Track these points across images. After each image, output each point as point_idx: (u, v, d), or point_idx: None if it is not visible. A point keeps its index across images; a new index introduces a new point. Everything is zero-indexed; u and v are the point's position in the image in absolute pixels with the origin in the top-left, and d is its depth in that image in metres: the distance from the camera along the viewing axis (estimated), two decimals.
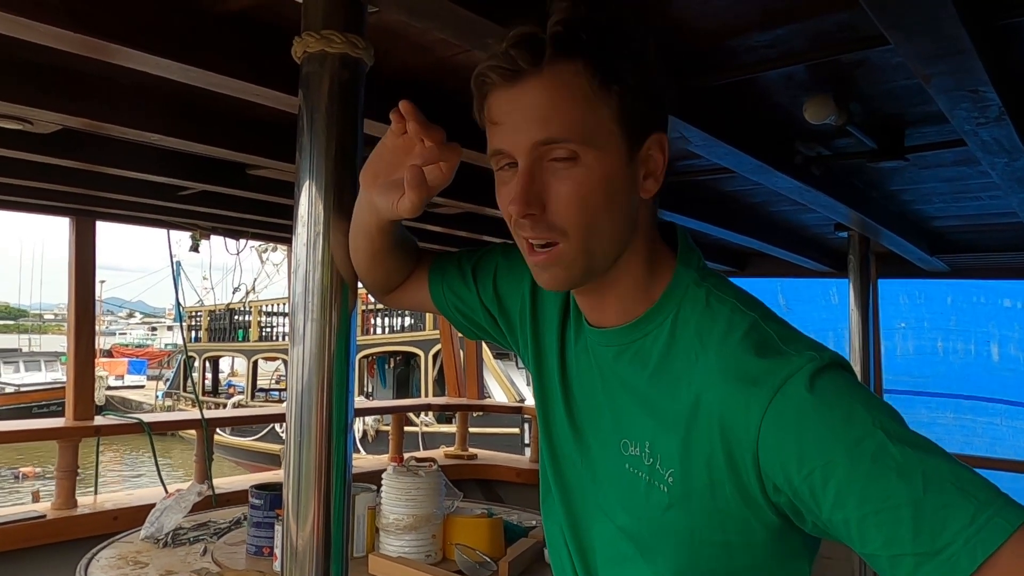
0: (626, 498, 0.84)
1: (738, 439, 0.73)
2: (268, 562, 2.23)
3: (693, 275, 0.84)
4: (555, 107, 0.76)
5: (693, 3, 1.20)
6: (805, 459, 0.68)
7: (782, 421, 0.70)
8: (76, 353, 3.22)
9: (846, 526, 0.66)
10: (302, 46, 0.96)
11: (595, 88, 0.76)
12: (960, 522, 0.61)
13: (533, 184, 0.77)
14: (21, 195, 2.58)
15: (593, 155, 0.77)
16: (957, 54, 1.09)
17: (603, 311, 0.87)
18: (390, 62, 1.47)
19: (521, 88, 0.77)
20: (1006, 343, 4.94)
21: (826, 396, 0.70)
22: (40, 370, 27.03)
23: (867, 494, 0.65)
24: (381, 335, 16.66)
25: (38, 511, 2.95)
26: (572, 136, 0.76)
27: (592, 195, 0.77)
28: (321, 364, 0.93)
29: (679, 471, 0.78)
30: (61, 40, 1.16)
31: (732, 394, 0.74)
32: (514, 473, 4.29)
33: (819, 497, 0.67)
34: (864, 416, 0.68)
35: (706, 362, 0.77)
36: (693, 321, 0.81)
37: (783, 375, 0.71)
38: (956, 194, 2.44)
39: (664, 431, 0.80)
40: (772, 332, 0.77)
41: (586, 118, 0.76)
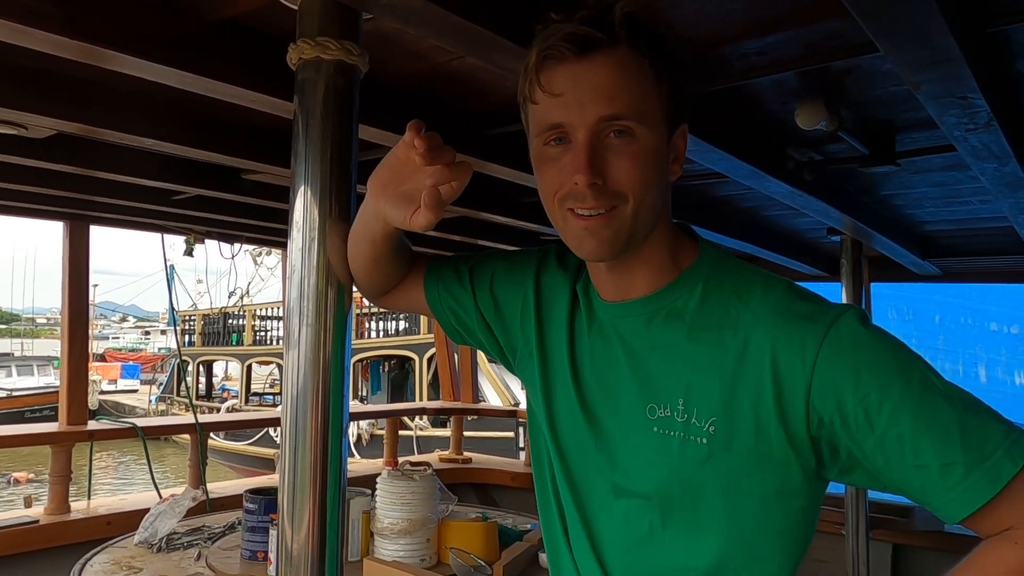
0: (655, 463, 0.87)
1: (791, 372, 0.80)
2: (263, 567, 2.23)
3: (719, 251, 0.93)
4: (622, 86, 0.82)
5: (685, 11, 1.21)
6: (861, 383, 0.77)
7: (839, 350, 0.78)
8: (69, 357, 3.21)
9: (900, 441, 0.75)
10: (297, 53, 0.96)
11: (653, 75, 0.83)
12: (998, 435, 0.74)
13: (595, 157, 0.82)
14: (15, 199, 2.58)
15: (647, 133, 0.83)
16: (946, 61, 1.10)
17: (631, 282, 0.92)
18: (385, 69, 1.48)
19: (590, 63, 0.82)
20: (993, 366, 4.99)
21: (875, 332, 0.80)
22: (33, 374, 26.88)
23: (921, 411, 0.75)
24: (376, 339, 16.64)
25: (31, 516, 2.94)
26: (634, 114, 0.82)
27: (646, 167, 0.84)
28: (316, 368, 0.93)
29: (721, 418, 0.83)
30: (57, 46, 1.17)
31: (786, 330, 0.81)
32: (509, 477, 4.29)
33: (873, 417, 0.76)
34: (908, 350, 0.80)
35: (751, 311, 0.84)
36: (728, 283, 0.88)
37: (835, 313, 0.81)
38: (947, 199, 2.46)
39: (704, 382, 0.84)
40: (807, 291, 0.86)
41: (646, 99, 0.83)
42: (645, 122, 0.83)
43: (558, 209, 0.87)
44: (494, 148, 1.86)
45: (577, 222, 0.85)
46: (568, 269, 1.02)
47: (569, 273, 1.02)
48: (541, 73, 0.83)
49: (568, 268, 1.03)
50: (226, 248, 3.68)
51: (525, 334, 1.03)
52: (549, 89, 0.83)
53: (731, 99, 1.60)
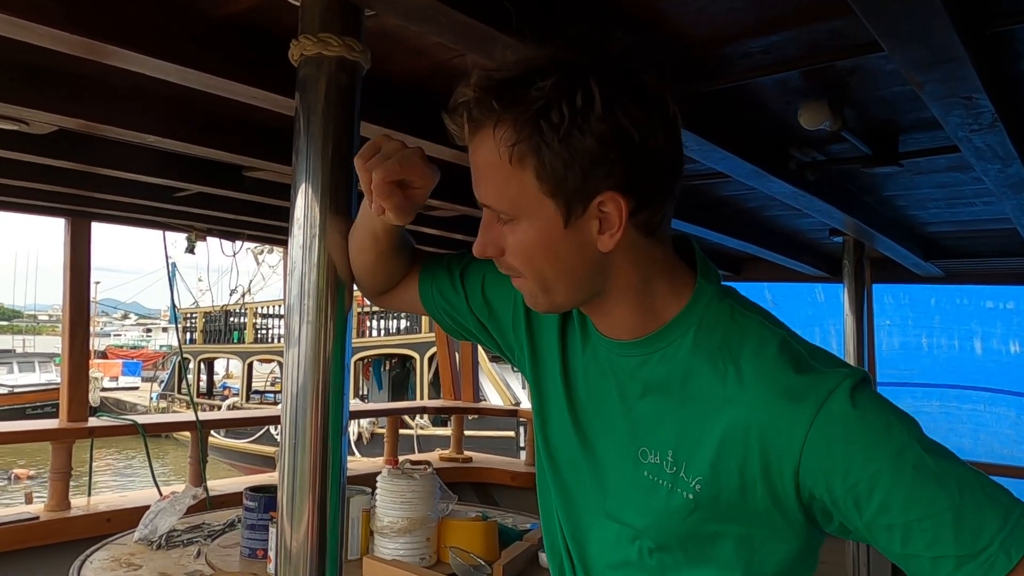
0: (644, 503, 0.84)
1: (779, 451, 0.75)
2: (262, 565, 2.23)
3: (715, 288, 0.85)
4: (481, 176, 0.79)
5: (688, 10, 1.21)
6: (851, 471, 0.72)
7: (828, 436, 0.73)
8: (70, 354, 3.21)
9: (889, 531, 0.71)
10: (299, 49, 0.96)
11: (513, 161, 0.75)
12: (995, 525, 0.68)
13: (488, 233, 0.82)
14: (17, 196, 2.58)
15: (524, 222, 0.78)
16: (950, 61, 1.10)
17: (620, 325, 0.87)
18: (387, 66, 1.48)
19: (472, 142, 0.80)
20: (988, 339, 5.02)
21: (867, 411, 0.74)
22: (34, 371, 26.91)
23: (912, 501, 0.70)
24: (377, 337, 16.65)
25: (31, 512, 2.94)
26: (498, 205, 0.79)
27: (533, 253, 0.79)
28: (316, 366, 0.93)
29: (708, 477, 0.79)
30: (58, 42, 1.16)
31: (774, 408, 0.75)
32: (509, 476, 4.28)
33: (863, 505, 0.72)
34: (901, 429, 0.73)
35: (740, 378, 0.78)
36: (719, 332, 0.82)
37: (825, 390, 0.74)
38: (950, 200, 2.45)
39: (692, 441, 0.80)
40: (802, 349, 0.80)
41: (508, 189, 0.77)
42: (518, 212, 0.77)
43: None
44: None
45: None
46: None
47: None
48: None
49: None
50: (227, 245, 3.67)
51: (518, 338, 1.02)
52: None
53: (734, 99, 1.60)
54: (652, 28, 1.27)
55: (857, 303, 3.09)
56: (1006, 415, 5.15)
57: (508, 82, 0.74)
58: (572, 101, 0.72)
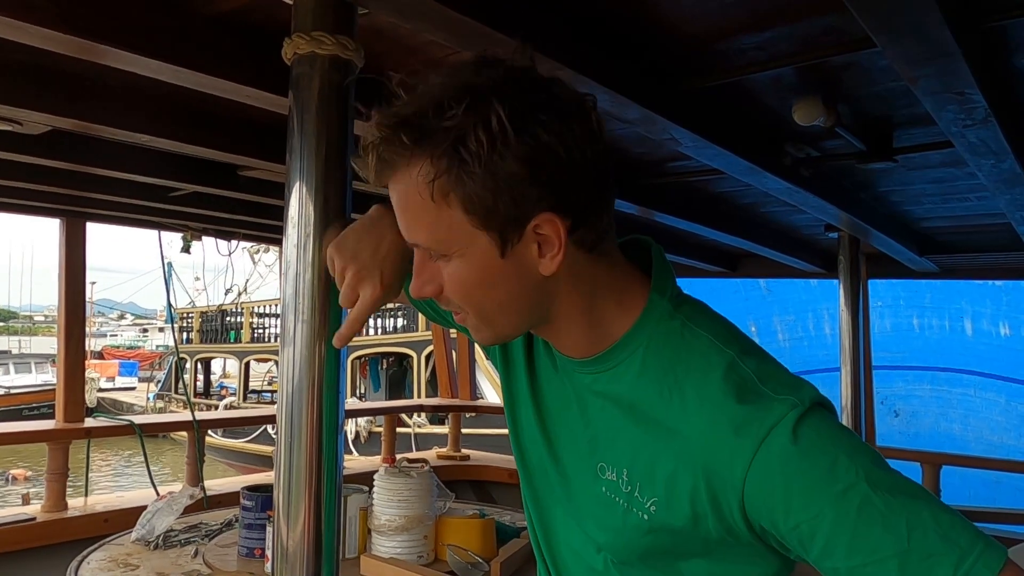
0: (602, 518, 0.83)
1: (723, 485, 0.72)
2: (260, 564, 2.23)
3: (666, 306, 0.81)
4: (407, 215, 0.74)
5: (682, 6, 1.21)
6: (791, 512, 0.69)
7: (767, 474, 0.69)
8: (66, 355, 3.21)
9: (835, 573, 0.68)
10: (292, 47, 0.96)
11: (435, 196, 0.70)
12: (945, 571, 0.63)
13: (423, 273, 0.77)
14: (11, 196, 2.57)
15: (457, 259, 0.74)
16: (943, 57, 1.10)
17: (563, 346, 0.85)
18: (380, 64, 1.48)
19: (391, 183, 0.74)
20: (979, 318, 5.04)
21: (810, 447, 0.69)
22: (30, 372, 26.86)
23: (854, 546, 0.66)
24: (374, 336, 16.63)
25: (28, 513, 2.94)
26: (428, 244, 0.75)
27: (472, 289, 0.76)
28: (311, 365, 0.93)
29: (662, 500, 0.77)
30: (51, 41, 1.16)
31: (715, 442, 0.72)
32: (506, 474, 4.28)
33: (807, 545, 0.69)
34: (847, 465, 0.68)
35: (684, 403, 0.75)
36: (667, 354, 0.78)
37: (767, 426, 0.70)
38: (944, 195, 2.46)
39: (645, 461, 0.78)
40: (751, 372, 0.75)
41: (437, 228, 0.72)
42: (448, 249, 0.73)
43: None
44: None
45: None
46: None
47: None
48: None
49: None
50: (223, 245, 3.67)
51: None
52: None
53: (728, 95, 1.60)
54: (646, 24, 1.27)
55: (853, 299, 3.09)
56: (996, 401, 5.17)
57: (416, 115, 0.69)
58: (487, 125, 0.67)
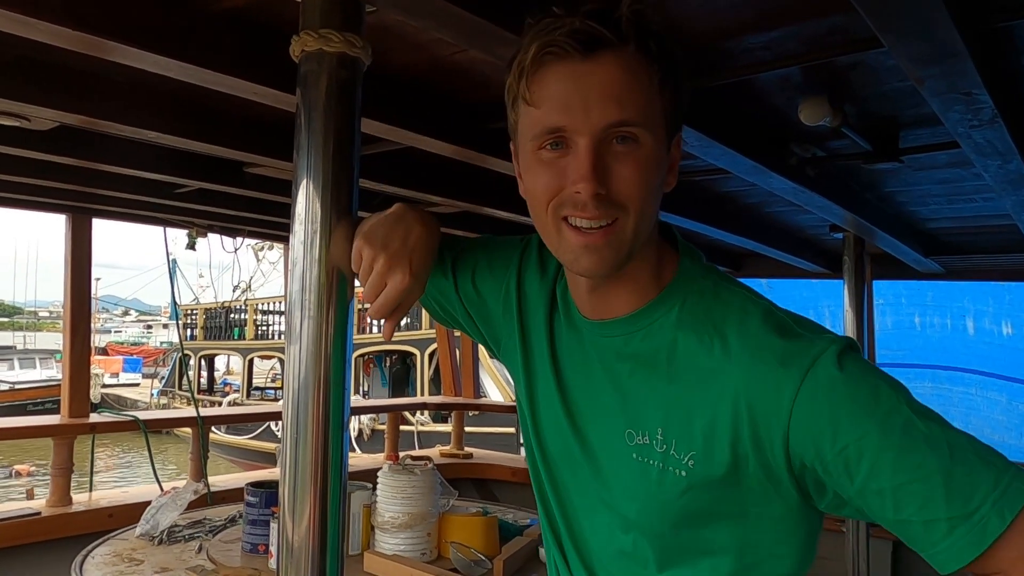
0: (634, 486, 0.84)
1: (767, 418, 0.75)
2: (263, 560, 2.24)
3: (698, 268, 0.87)
4: (630, 89, 0.77)
5: (689, 4, 1.21)
6: (839, 434, 0.72)
7: (815, 400, 0.73)
8: (72, 350, 3.21)
9: (880, 496, 0.71)
10: (300, 45, 0.96)
11: (659, 80, 0.79)
12: (986, 487, 0.68)
13: (600, 162, 0.77)
14: (18, 192, 2.58)
15: (651, 140, 0.79)
16: (950, 57, 1.10)
17: (612, 302, 0.88)
18: (387, 61, 1.48)
19: (596, 63, 0.76)
20: (981, 317, 5.02)
21: (854, 375, 0.74)
22: (35, 367, 26.94)
23: (901, 464, 0.70)
24: (377, 334, 16.63)
25: (33, 508, 2.95)
26: (640, 120, 0.78)
27: (649, 176, 0.80)
28: (318, 362, 0.93)
29: (701, 453, 0.79)
30: (60, 37, 1.16)
31: (760, 374, 0.76)
32: (509, 472, 4.29)
33: (853, 470, 0.72)
34: (889, 393, 0.73)
35: (726, 347, 0.79)
36: (702, 308, 0.83)
37: (812, 355, 0.74)
38: (950, 196, 2.45)
39: (682, 416, 0.80)
40: (787, 318, 0.80)
41: (651, 105, 0.79)
42: (650, 128, 0.78)
43: (551, 218, 0.81)
44: (495, 142, 1.85)
45: (576, 238, 0.80)
46: (548, 268, 1.00)
47: (549, 272, 0.99)
48: (540, 71, 0.78)
49: (548, 267, 1.00)
50: (228, 242, 3.68)
51: (508, 328, 1.02)
52: (549, 89, 0.78)
53: (734, 94, 1.60)
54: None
55: (857, 299, 3.08)
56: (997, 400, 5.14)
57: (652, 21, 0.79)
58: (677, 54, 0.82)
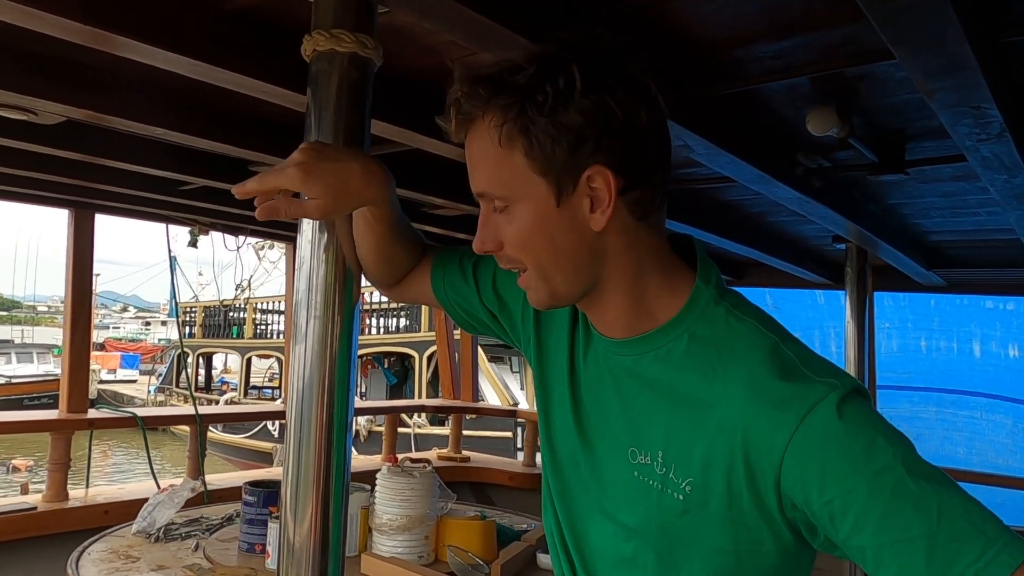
0: (635, 503, 0.85)
1: (760, 459, 0.75)
2: (260, 559, 2.23)
3: (712, 292, 0.85)
4: (476, 163, 0.82)
5: (699, 14, 1.21)
6: (827, 486, 0.71)
7: (807, 448, 0.72)
8: (71, 346, 3.21)
9: (861, 552, 0.70)
10: (312, 44, 0.96)
11: (503, 143, 0.78)
12: (970, 556, 0.66)
13: (486, 227, 0.83)
14: (22, 186, 2.58)
15: (519, 205, 0.80)
16: (961, 70, 1.10)
17: (607, 325, 0.89)
18: (398, 63, 1.48)
19: (467, 136, 0.83)
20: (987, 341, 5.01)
21: (850, 427, 0.72)
22: (32, 362, 26.92)
23: (884, 524, 0.69)
24: (376, 335, 16.64)
25: (29, 503, 2.94)
26: (492, 190, 0.81)
27: (528, 238, 0.81)
28: (323, 361, 0.93)
29: (698, 480, 0.79)
30: (70, 32, 1.17)
31: (757, 415, 0.75)
32: (507, 476, 4.28)
33: (837, 522, 0.71)
34: (885, 448, 0.71)
35: (727, 381, 0.78)
36: (711, 338, 0.82)
37: (810, 402, 0.73)
38: (954, 209, 2.45)
39: (682, 442, 0.81)
40: (793, 355, 0.78)
41: (500, 172, 0.79)
42: (511, 194, 0.80)
43: None
44: None
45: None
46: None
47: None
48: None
49: None
50: (230, 240, 3.68)
51: (526, 332, 1.03)
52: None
53: (742, 103, 1.60)
54: (663, 30, 1.27)
55: (859, 311, 3.08)
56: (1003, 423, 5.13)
57: (494, 74, 0.78)
58: (555, 82, 0.75)
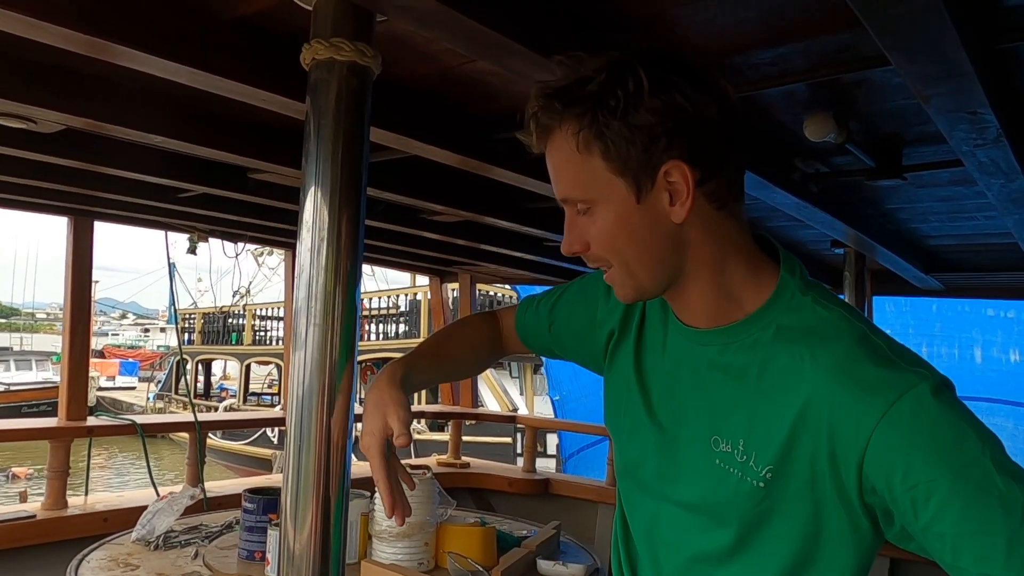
0: (715, 491, 0.87)
1: (845, 442, 0.76)
2: (260, 567, 2.22)
3: (798, 283, 0.87)
4: (558, 171, 0.86)
5: (697, 20, 1.22)
6: (911, 473, 0.73)
7: (895, 433, 0.74)
8: (70, 353, 3.20)
9: (941, 539, 0.72)
10: (311, 53, 0.97)
11: (580, 149, 0.82)
12: None
13: (572, 230, 0.87)
14: (21, 194, 2.58)
15: (601, 206, 0.84)
16: (957, 76, 1.10)
17: (692, 315, 0.91)
18: (394, 70, 1.48)
19: (547, 147, 0.86)
20: (989, 347, 5.02)
21: (941, 416, 0.74)
22: (31, 369, 26.85)
23: (968, 514, 0.71)
24: (375, 341, 16.63)
25: (28, 511, 2.93)
26: (575, 194, 0.85)
27: (612, 236, 0.84)
28: (323, 369, 0.93)
29: (778, 467, 0.81)
30: (69, 41, 1.17)
31: (845, 399, 0.77)
32: (506, 483, 4.27)
33: (920, 508, 0.73)
34: (975, 442, 0.73)
35: (816, 365, 0.80)
36: (799, 327, 0.84)
37: (900, 389, 0.74)
38: (952, 214, 2.46)
39: (765, 429, 0.82)
40: (883, 343, 0.80)
41: (581, 177, 0.83)
42: (593, 197, 0.83)
43: None
44: (500, 152, 1.86)
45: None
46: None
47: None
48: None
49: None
50: (229, 247, 3.68)
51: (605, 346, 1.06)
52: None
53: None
54: (660, 36, 1.28)
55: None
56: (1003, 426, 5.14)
57: (566, 87, 0.82)
58: (624, 86, 0.78)
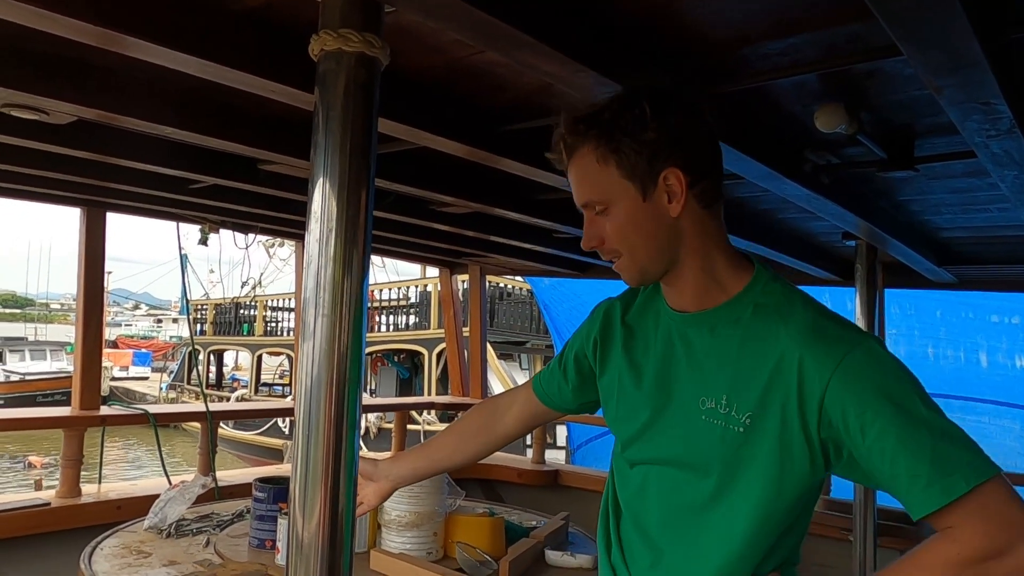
0: (703, 443, 1.09)
1: (811, 380, 1.00)
2: (270, 555, 2.24)
3: (769, 274, 1.12)
4: (580, 182, 1.10)
5: (707, 12, 1.21)
6: (862, 403, 0.97)
7: (851, 372, 0.98)
8: (84, 343, 3.24)
9: (882, 453, 0.95)
10: (319, 44, 0.97)
11: (599, 161, 1.06)
12: (961, 462, 0.93)
13: (591, 228, 1.11)
14: (34, 184, 2.60)
15: (615, 206, 1.07)
16: (969, 67, 1.10)
17: (685, 298, 1.13)
18: (402, 61, 1.48)
19: (570, 165, 1.11)
20: (994, 352, 4.99)
21: (883, 363, 1.00)
22: (45, 359, 27.10)
23: (903, 433, 0.95)
24: (386, 332, 16.67)
25: (43, 499, 2.97)
26: (595, 198, 1.09)
27: (625, 231, 1.08)
28: (331, 360, 0.93)
29: (756, 412, 1.04)
30: (81, 33, 1.18)
31: (814, 346, 1.01)
32: (515, 473, 4.28)
33: (866, 431, 0.96)
34: (908, 383, 0.99)
35: (788, 328, 1.04)
36: (772, 305, 1.08)
37: (854, 343, 1.01)
38: (965, 205, 2.44)
39: (745, 381, 1.05)
40: (836, 316, 1.06)
41: (599, 183, 1.07)
42: (610, 199, 1.07)
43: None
44: (508, 144, 1.86)
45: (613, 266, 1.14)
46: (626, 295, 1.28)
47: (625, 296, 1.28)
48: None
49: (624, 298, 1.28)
50: (241, 238, 3.69)
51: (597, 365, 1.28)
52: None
53: (750, 100, 1.60)
54: (670, 29, 1.27)
55: (869, 308, 3.07)
56: (1010, 428, 5.12)
57: (588, 115, 1.07)
58: (633, 113, 1.04)
